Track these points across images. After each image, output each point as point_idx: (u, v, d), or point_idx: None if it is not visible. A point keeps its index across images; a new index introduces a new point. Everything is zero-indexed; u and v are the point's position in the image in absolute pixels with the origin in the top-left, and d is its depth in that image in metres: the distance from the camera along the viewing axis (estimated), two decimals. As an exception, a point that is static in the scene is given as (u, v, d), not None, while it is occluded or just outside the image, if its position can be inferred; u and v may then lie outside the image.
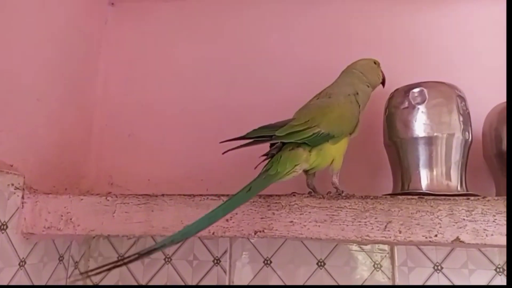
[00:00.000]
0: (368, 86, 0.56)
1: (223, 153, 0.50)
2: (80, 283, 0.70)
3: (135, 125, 0.76)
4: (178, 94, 0.76)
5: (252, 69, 0.74)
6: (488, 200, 0.46)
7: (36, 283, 0.60)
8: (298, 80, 0.72)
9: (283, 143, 0.50)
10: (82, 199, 0.56)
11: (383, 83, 0.59)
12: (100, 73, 0.79)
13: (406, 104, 0.53)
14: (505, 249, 0.61)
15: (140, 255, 0.42)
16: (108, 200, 0.55)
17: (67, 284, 0.67)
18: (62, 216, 0.56)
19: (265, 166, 0.50)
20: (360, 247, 0.65)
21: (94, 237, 0.72)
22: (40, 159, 0.63)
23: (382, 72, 0.59)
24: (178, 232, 0.44)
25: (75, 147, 0.72)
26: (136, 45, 0.80)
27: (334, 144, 0.51)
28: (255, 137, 0.50)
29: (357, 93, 0.55)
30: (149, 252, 0.42)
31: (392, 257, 0.64)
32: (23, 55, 0.60)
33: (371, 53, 0.67)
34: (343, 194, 0.50)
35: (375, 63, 0.58)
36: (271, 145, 0.52)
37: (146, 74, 0.78)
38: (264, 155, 0.52)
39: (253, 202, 0.51)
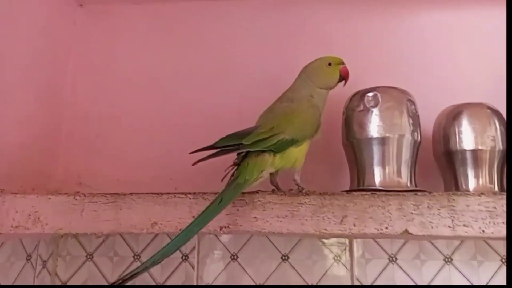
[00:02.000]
0: (322, 88, 0.59)
1: (193, 165, 0.52)
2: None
3: (103, 126, 0.77)
4: (146, 95, 0.77)
5: (222, 71, 0.77)
6: (434, 196, 0.50)
7: (2, 283, 0.61)
8: (267, 84, 0.74)
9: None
10: (50, 198, 0.57)
11: (344, 80, 0.60)
12: (69, 74, 0.79)
13: (362, 107, 0.57)
14: (451, 241, 0.66)
15: (124, 280, 0.45)
16: (76, 199, 0.56)
17: (35, 283, 0.67)
18: (30, 215, 0.57)
19: (232, 175, 0.52)
20: (322, 241, 0.69)
21: (62, 236, 0.73)
22: (7, 159, 0.63)
23: (342, 70, 0.60)
24: (158, 252, 0.46)
25: (43, 147, 0.72)
26: (105, 47, 0.80)
27: (297, 147, 0.54)
28: (223, 146, 0.52)
29: (313, 97, 0.57)
30: (132, 276, 0.45)
31: (350, 250, 0.68)
32: (-12, 56, 0.60)
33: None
34: (304, 191, 0.53)
35: (329, 64, 0.59)
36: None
37: (115, 75, 0.79)
38: (231, 165, 0.54)
39: (219, 199, 0.54)
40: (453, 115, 0.59)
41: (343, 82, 0.60)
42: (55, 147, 0.76)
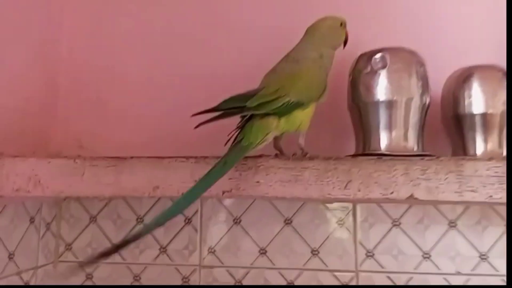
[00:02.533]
0: (332, 49, 0.57)
1: (195, 128, 0.50)
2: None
3: (102, 89, 0.75)
4: (146, 58, 0.75)
5: (221, 35, 0.74)
6: (441, 160, 0.49)
7: (7, 245, 0.61)
8: (266, 44, 0.72)
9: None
10: (49, 162, 0.56)
11: (345, 43, 0.59)
12: (65, 35, 0.76)
13: (369, 69, 0.55)
14: (457, 206, 0.66)
15: (128, 242, 0.44)
16: (76, 162, 0.55)
17: (40, 245, 0.68)
18: (30, 178, 0.56)
19: (236, 138, 0.51)
20: (325, 205, 0.69)
21: (65, 199, 0.73)
22: (4, 122, 0.62)
23: (346, 32, 0.59)
24: (161, 214, 0.45)
25: (40, 110, 0.71)
26: (101, 7, 0.77)
27: (303, 110, 0.52)
28: (226, 108, 0.50)
29: (322, 57, 0.55)
30: (135, 237, 0.44)
31: (354, 214, 0.68)
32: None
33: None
34: (308, 155, 0.52)
35: (341, 24, 0.58)
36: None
37: (113, 36, 0.76)
38: (235, 129, 0.52)
39: (221, 163, 0.53)
40: (463, 77, 0.57)
41: (344, 44, 0.59)
42: (53, 108, 0.74)
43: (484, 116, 0.55)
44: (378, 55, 0.55)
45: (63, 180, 0.56)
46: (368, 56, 0.56)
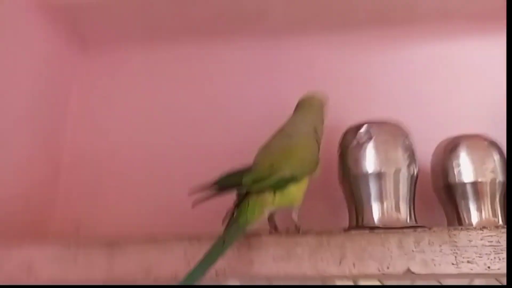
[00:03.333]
0: (322, 123, 0.59)
1: (192, 207, 0.51)
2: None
3: (103, 168, 0.77)
4: (146, 138, 0.78)
5: (219, 112, 0.77)
6: (434, 231, 0.48)
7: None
8: (262, 119, 0.75)
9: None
10: (43, 248, 0.56)
11: None
12: (69, 117, 0.80)
13: (355, 142, 0.56)
14: (460, 280, 0.63)
15: None
16: (70, 248, 0.55)
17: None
18: (24, 265, 0.56)
19: (232, 214, 0.50)
20: (325, 285, 0.66)
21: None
22: (5, 206, 0.63)
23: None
24: None
25: (42, 192, 0.72)
26: (105, 89, 0.82)
27: (296, 185, 0.52)
28: (222, 186, 0.51)
29: (316, 131, 0.57)
30: None
31: (355, 291, 0.65)
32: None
33: (329, 91, 0.72)
34: (301, 231, 0.52)
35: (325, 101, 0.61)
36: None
37: (115, 118, 0.80)
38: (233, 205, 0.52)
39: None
40: (451, 147, 0.59)
41: None
42: (55, 191, 0.76)
43: (474, 184, 0.56)
44: (363, 129, 0.57)
45: (57, 266, 0.55)
46: (354, 129, 0.58)
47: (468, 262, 0.46)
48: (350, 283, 0.66)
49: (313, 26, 0.78)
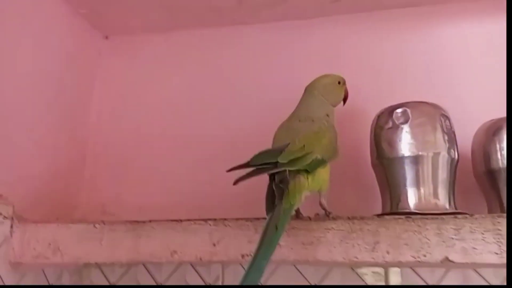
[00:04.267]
0: (333, 106, 0.57)
1: (234, 183, 0.47)
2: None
3: (127, 153, 0.77)
4: (169, 123, 0.77)
5: (241, 96, 0.76)
6: (476, 218, 0.45)
7: (25, 315, 0.60)
8: (285, 103, 0.72)
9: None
10: (70, 227, 0.56)
11: (344, 100, 0.60)
12: (94, 103, 0.81)
13: (390, 124, 0.53)
14: (498, 269, 0.60)
15: None
16: (96, 227, 0.55)
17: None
18: (50, 244, 0.56)
19: (272, 198, 0.47)
20: (354, 271, 0.64)
21: (85, 266, 0.71)
22: (31, 188, 0.64)
23: (346, 89, 0.59)
24: None
25: (67, 176, 0.73)
26: (129, 76, 0.82)
27: (323, 168, 0.50)
28: (260, 164, 0.48)
29: (329, 115, 0.55)
30: None
31: (386, 280, 0.63)
32: (16, 86, 0.62)
33: (357, 75, 0.69)
34: (331, 216, 0.50)
35: (339, 82, 0.58)
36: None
37: (138, 104, 0.80)
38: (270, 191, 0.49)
39: (240, 225, 0.51)
40: (493, 130, 0.55)
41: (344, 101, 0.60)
42: (80, 176, 0.76)
43: (519, 169, 0.52)
44: (399, 110, 0.53)
45: (82, 246, 0.55)
46: (389, 111, 0.55)
47: (513, 251, 0.43)
48: (381, 270, 0.63)
49: (338, 8, 0.74)
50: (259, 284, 0.42)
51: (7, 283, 0.56)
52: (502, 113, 0.56)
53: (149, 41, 0.83)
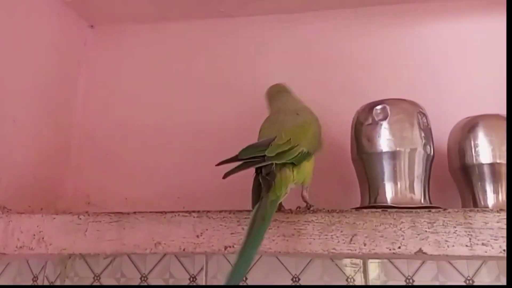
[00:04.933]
0: None
1: (224, 177, 0.48)
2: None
3: (112, 144, 0.77)
4: (155, 114, 0.78)
5: (227, 88, 0.77)
6: (449, 212, 0.47)
7: (8, 304, 0.60)
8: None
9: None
10: (54, 218, 0.56)
11: None
12: (79, 93, 0.80)
13: (370, 120, 0.55)
14: (472, 261, 0.62)
15: None
16: (80, 218, 0.55)
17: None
18: (34, 235, 0.56)
19: (258, 192, 0.48)
20: (334, 262, 0.66)
21: (70, 257, 0.72)
22: (15, 179, 0.64)
23: None
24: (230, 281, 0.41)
25: (52, 167, 0.72)
26: (114, 66, 0.82)
27: (308, 162, 0.52)
28: (248, 158, 0.48)
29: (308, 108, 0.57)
30: None
31: (364, 271, 0.65)
32: (-1, 76, 0.61)
33: (340, 70, 0.71)
34: (312, 209, 0.51)
35: None
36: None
37: (124, 94, 0.80)
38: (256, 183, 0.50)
39: (223, 217, 0.52)
40: (468, 127, 0.57)
41: None
42: (65, 166, 0.76)
43: (492, 166, 0.54)
44: (379, 106, 0.55)
45: (67, 236, 0.55)
46: (369, 107, 0.56)
47: (482, 244, 0.45)
48: (360, 262, 0.65)
49: (324, 3, 0.76)
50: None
51: (-9, 273, 0.56)
52: (479, 111, 0.58)
53: (136, 31, 0.83)
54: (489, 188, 0.54)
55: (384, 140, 0.54)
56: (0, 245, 0.56)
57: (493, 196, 0.53)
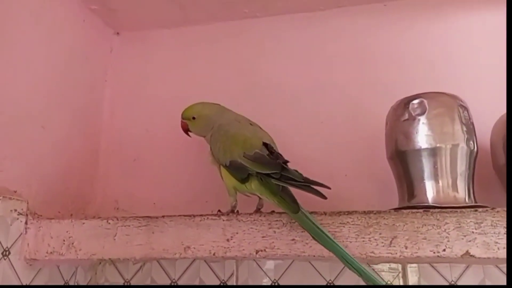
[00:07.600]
0: None
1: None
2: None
3: (140, 150, 0.77)
4: (179, 120, 0.77)
5: (253, 91, 0.75)
6: (498, 212, 0.44)
7: (40, 310, 0.60)
8: (300, 97, 0.72)
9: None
10: (84, 223, 0.56)
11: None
12: (106, 99, 0.81)
13: (407, 116, 0.52)
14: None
15: None
16: (109, 223, 0.55)
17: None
18: (64, 240, 0.56)
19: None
20: (371, 267, 0.63)
21: (100, 263, 0.71)
22: (45, 185, 0.64)
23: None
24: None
25: (81, 172, 0.73)
26: (140, 72, 0.82)
27: None
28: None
29: None
30: None
31: (404, 276, 0.61)
32: (28, 83, 0.62)
33: (372, 67, 0.68)
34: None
35: None
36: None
37: (150, 99, 0.80)
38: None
39: (254, 220, 0.50)
40: (514, 121, 0.53)
41: None
42: (93, 172, 0.76)
43: (541, 161, 0.50)
44: (416, 100, 0.52)
45: (96, 241, 0.55)
46: (405, 102, 0.53)
47: (537, 246, 0.41)
48: (398, 266, 0.62)
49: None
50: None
51: (23, 279, 0.56)
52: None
53: (161, 36, 0.82)
54: (539, 185, 0.50)
55: (423, 136, 0.50)
56: (31, 251, 0.56)
57: (544, 194, 0.49)
